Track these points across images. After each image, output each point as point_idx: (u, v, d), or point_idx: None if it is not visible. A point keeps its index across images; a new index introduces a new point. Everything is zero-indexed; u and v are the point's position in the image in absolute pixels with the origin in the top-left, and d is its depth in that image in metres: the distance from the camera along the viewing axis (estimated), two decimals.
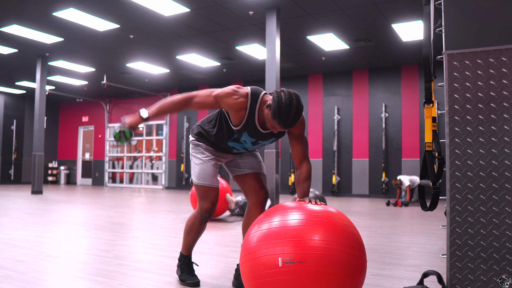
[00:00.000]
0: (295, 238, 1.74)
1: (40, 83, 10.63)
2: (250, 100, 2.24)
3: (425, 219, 6.02)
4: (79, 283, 2.56)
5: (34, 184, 10.56)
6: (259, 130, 2.31)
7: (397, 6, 6.96)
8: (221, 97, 2.25)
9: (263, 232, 1.84)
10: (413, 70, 10.54)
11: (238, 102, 2.23)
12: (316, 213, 1.87)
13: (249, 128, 2.30)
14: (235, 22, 7.80)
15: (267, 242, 1.79)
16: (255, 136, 2.34)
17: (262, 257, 1.77)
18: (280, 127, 2.10)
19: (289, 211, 1.89)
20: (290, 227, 1.79)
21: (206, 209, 2.50)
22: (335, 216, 1.87)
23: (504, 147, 1.88)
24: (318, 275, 1.68)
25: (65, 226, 5.02)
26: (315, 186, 11.36)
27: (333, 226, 1.81)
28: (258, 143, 2.40)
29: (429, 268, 3.02)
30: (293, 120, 2.06)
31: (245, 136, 2.35)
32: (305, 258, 1.69)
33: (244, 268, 1.87)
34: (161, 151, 14.66)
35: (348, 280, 1.74)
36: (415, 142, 10.37)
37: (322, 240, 1.74)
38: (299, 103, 2.07)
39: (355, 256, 1.79)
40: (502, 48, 1.89)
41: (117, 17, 7.64)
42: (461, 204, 1.94)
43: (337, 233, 1.79)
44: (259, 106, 2.25)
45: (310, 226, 1.78)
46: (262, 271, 1.76)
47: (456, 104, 1.97)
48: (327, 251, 1.72)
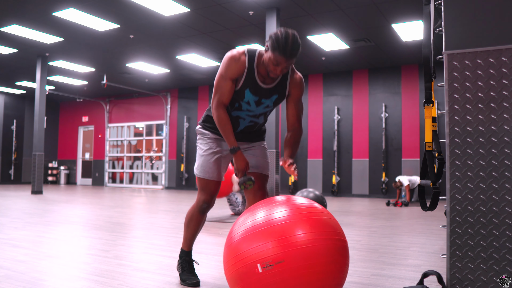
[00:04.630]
0: (269, 240, 1.76)
1: (40, 83, 10.63)
2: (248, 56, 2.30)
3: (425, 219, 6.02)
4: (79, 283, 2.56)
5: (34, 184, 10.56)
6: (260, 85, 2.33)
7: (397, 6, 6.96)
8: (228, 74, 2.30)
9: (238, 239, 1.86)
10: (413, 70, 10.54)
11: (240, 62, 2.29)
12: (282, 205, 1.89)
13: (250, 84, 2.32)
14: (235, 22, 7.80)
15: (244, 250, 1.80)
16: (257, 94, 2.35)
17: (242, 268, 1.79)
18: (281, 57, 2.11)
19: (258, 211, 1.92)
20: (261, 230, 1.80)
21: (204, 200, 2.51)
22: (302, 207, 1.89)
23: (504, 147, 1.88)
24: (299, 270, 1.70)
25: (65, 226, 5.02)
26: (315, 186, 11.37)
27: (303, 218, 1.82)
28: (261, 103, 2.39)
29: (429, 268, 3.02)
30: (292, 48, 2.11)
31: (248, 95, 2.35)
32: (282, 257, 1.71)
33: (228, 277, 1.90)
34: (161, 151, 14.66)
35: (331, 266, 1.76)
36: (415, 142, 10.37)
37: (295, 235, 1.75)
38: (295, 34, 2.14)
39: (332, 241, 1.80)
40: (502, 48, 1.89)
41: (117, 17, 7.64)
42: (461, 204, 1.94)
43: (309, 224, 1.80)
44: (257, 60, 2.31)
45: (281, 224, 1.79)
46: (245, 280, 1.78)
47: (456, 104, 1.97)
48: (302, 244, 1.73)
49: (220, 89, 2.32)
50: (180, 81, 13.03)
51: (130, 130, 15.44)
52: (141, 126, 15.25)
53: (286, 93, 2.40)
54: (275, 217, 1.83)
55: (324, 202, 5.46)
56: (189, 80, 12.87)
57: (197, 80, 12.80)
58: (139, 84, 13.53)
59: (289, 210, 1.86)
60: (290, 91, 2.40)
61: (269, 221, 1.81)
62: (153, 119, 14.75)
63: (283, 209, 1.87)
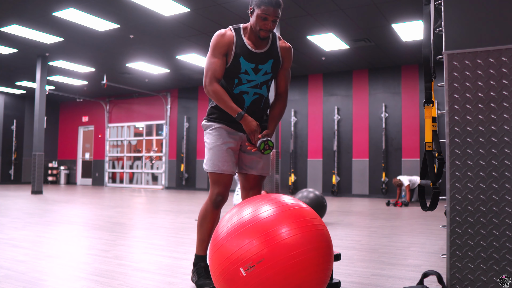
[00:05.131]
0: (246, 240, 1.76)
1: (40, 83, 10.63)
2: (233, 29, 2.41)
3: (425, 219, 6.02)
4: (79, 283, 2.56)
5: (34, 184, 10.56)
6: (253, 51, 2.38)
7: (397, 6, 6.96)
8: (218, 50, 2.36)
9: (219, 244, 1.85)
10: (413, 70, 10.53)
11: (227, 35, 2.37)
12: (251, 204, 1.90)
13: (243, 51, 2.37)
14: (235, 22, 7.80)
15: (226, 257, 1.79)
16: (252, 60, 2.39)
17: (227, 275, 1.78)
18: (268, 8, 2.24)
19: (232, 213, 1.93)
20: (238, 232, 1.80)
21: (218, 192, 2.41)
22: (272, 201, 1.90)
23: (504, 147, 1.88)
24: (282, 264, 1.70)
25: (65, 226, 5.02)
26: (315, 186, 11.37)
27: (275, 212, 1.83)
28: (259, 69, 2.41)
29: (429, 268, 3.02)
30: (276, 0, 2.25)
31: (244, 64, 2.38)
32: (262, 256, 1.71)
33: (218, 286, 1.89)
34: (161, 151, 14.66)
35: (312, 253, 1.76)
36: (415, 142, 10.37)
37: (271, 232, 1.75)
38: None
39: (307, 229, 1.80)
40: (502, 48, 1.90)
41: (117, 17, 7.64)
42: (461, 204, 1.94)
43: (282, 217, 1.80)
44: (243, 31, 2.40)
45: (255, 223, 1.79)
46: (233, 286, 1.77)
47: (456, 104, 1.97)
48: (278, 239, 1.73)
49: (211, 66, 2.36)
50: (180, 81, 13.03)
51: (130, 130, 15.44)
52: (141, 126, 15.25)
53: (280, 58, 2.46)
54: (245, 217, 1.84)
55: (324, 202, 5.45)
56: (189, 80, 12.87)
57: (197, 80, 12.79)
58: (139, 84, 13.53)
59: (260, 207, 1.87)
60: (283, 61, 2.49)
61: (242, 222, 1.82)
62: (153, 119, 14.75)
63: (254, 207, 1.88)
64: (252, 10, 2.31)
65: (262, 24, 2.29)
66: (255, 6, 2.29)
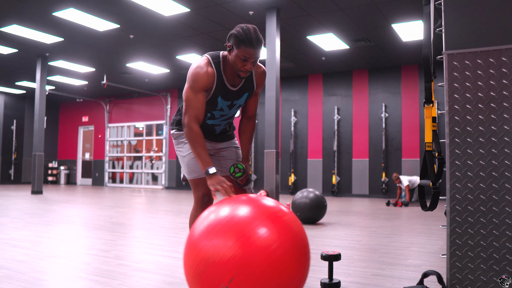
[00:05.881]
0: (212, 263, 1.66)
1: (40, 83, 10.63)
2: (214, 64, 2.23)
3: (425, 219, 6.02)
4: (79, 283, 2.56)
5: (34, 184, 10.56)
6: (230, 89, 2.29)
7: (397, 6, 6.96)
8: (199, 85, 2.20)
9: (190, 268, 1.77)
10: (413, 70, 10.53)
11: (209, 74, 2.21)
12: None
13: (221, 91, 2.27)
14: (235, 22, 7.80)
15: (199, 278, 1.70)
16: (229, 98, 2.32)
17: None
18: (248, 49, 2.07)
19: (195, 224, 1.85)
20: (204, 254, 1.70)
21: (203, 193, 2.42)
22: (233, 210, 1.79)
23: (504, 147, 1.88)
24: (255, 270, 1.61)
25: (65, 226, 5.02)
26: (315, 186, 11.37)
27: (244, 210, 1.75)
28: (234, 105, 2.37)
29: (429, 268, 3.02)
30: (256, 38, 2.09)
31: (221, 102, 2.31)
32: (231, 274, 1.61)
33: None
34: (161, 151, 14.66)
35: (279, 251, 1.66)
36: (415, 142, 10.37)
37: (231, 247, 1.65)
38: (254, 26, 2.13)
39: (270, 222, 1.71)
40: (502, 48, 1.89)
41: (117, 17, 7.64)
42: (461, 204, 1.94)
43: (240, 222, 1.70)
44: (223, 66, 2.25)
45: (214, 242, 1.69)
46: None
47: (456, 104, 1.97)
48: (238, 251, 1.63)
49: (194, 104, 2.21)
50: (180, 81, 13.03)
51: (130, 130, 15.44)
52: (141, 126, 15.24)
53: (255, 86, 2.39)
54: (199, 236, 1.75)
55: (324, 202, 5.45)
56: None
57: None
58: (139, 84, 13.53)
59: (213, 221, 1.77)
60: (256, 86, 2.39)
61: (206, 241, 1.71)
62: (153, 119, 14.75)
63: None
64: (231, 47, 2.14)
65: (241, 66, 2.13)
66: (234, 45, 2.11)
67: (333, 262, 2.96)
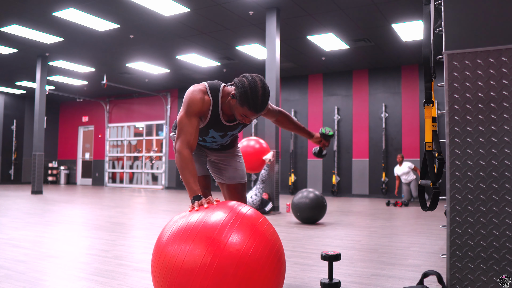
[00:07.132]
0: (180, 270, 1.59)
1: (40, 83, 10.63)
2: (211, 95, 2.13)
3: (425, 219, 6.02)
4: (79, 283, 2.56)
5: (34, 184, 10.56)
6: (224, 124, 2.23)
7: (397, 6, 6.95)
8: (193, 111, 2.10)
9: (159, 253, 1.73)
10: (413, 70, 10.53)
11: (205, 102, 2.11)
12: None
13: (215, 124, 2.21)
14: (235, 22, 7.80)
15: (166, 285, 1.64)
16: (222, 130, 2.26)
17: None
18: (252, 113, 1.99)
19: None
20: (172, 259, 1.64)
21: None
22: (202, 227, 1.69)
23: (504, 147, 1.88)
24: (230, 279, 1.55)
25: (65, 226, 5.02)
26: (315, 186, 11.37)
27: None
28: (227, 135, 2.34)
29: (429, 268, 3.02)
30: (262, 103, 1.98)
31: (212, 133, 2.28)
32: (202, 282, 1.54)
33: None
34: (161, 151, 14.66)
35: (246, 259, 1.60)
36: (415, 142, 10.37)
37: (201, 253, 1.59)
38: (263, 83, 2.00)
39: (234, 225, 1.66)
40: (502, 48, 1.89)
41: (117, 17, 7.64)
42: (461, 204, 1.94)
43: (200, 243, 1.62)
44: (221, 100, 2.15)
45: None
46: None
47: (456, 104, 1.97)
48: (213, 258, 1.57)
49: (187, 129, 2.08)
50: (180, 81, 13.02)
51: (130, 130, 15.44)
52: (141, 126, 15.24)
53: (253, 121, 2.34)
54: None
55: (324, 202, 5.46)
56: (189, 80, 12.86)
57: (197, 80, 12.79)
58: (139, 84, 13.53)
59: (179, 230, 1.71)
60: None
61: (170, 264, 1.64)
62: (153, 119, 14.75)
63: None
64: (234, 96, 2.03)
65: (240, 118, 2.07)
66: (238, 99, 2.00)
67: (333, 262, 2.96)
